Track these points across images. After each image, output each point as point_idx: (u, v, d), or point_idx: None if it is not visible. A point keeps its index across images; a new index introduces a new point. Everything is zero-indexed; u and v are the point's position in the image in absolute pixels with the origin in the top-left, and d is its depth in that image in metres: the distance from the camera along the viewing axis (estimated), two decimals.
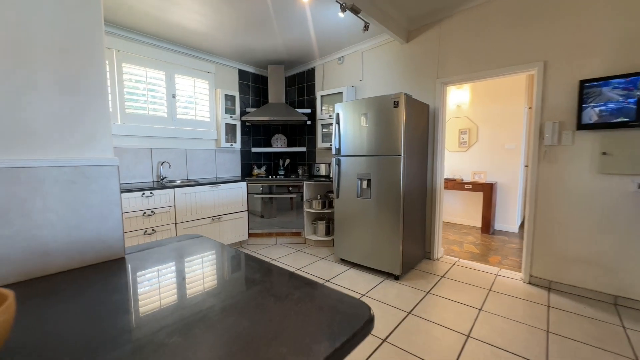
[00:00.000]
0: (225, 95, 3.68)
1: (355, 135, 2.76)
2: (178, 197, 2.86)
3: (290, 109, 3.87)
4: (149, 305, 0.73)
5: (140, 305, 0.73)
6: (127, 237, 2.53)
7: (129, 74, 2.95)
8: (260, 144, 4.32)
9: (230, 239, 3.35)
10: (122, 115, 2.92)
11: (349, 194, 2.85)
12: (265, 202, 3.56)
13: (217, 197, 3.19)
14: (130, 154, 3.02)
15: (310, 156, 4.22)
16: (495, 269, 2.82)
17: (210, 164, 3.72)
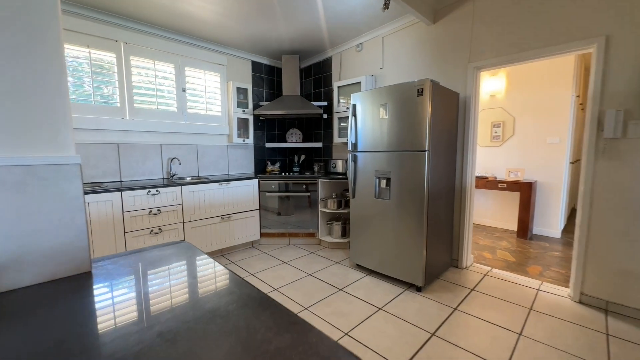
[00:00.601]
0: (237, 88, 3.51)
1: (374, 128, 2.48)
2: (185, 195, 2.74)
3: (306, 102, 3.64)
4: (110, 332, 0.53)
5: (101, 333, 0.54)
6: (132, 237, 2.44)
7: (138, 67, 2.85)
8: (275, 139, 4.14)
9: (241, 238, 3.21)
10: (131, 110, 2.84)
11: (366, 193, 2.58)
12: (278, 200, 3.37)
13: (226, 195, 3.05)
14: (139, 150, 2.94)
15: (326, 152, 3.97)
16: (536, 282, 2.44)
17: (222, 160, 3.59)
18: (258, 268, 2.77)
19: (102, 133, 2.71)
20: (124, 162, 2.85)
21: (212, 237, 2.96)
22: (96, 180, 2.70)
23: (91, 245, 2.25)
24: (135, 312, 0.69)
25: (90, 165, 2.66)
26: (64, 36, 2.47)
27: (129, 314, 0.68)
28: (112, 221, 2.34)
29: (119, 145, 2.81)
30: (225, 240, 3.07)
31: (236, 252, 3.20)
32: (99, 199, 2.26)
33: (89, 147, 2.65)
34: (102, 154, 2.72)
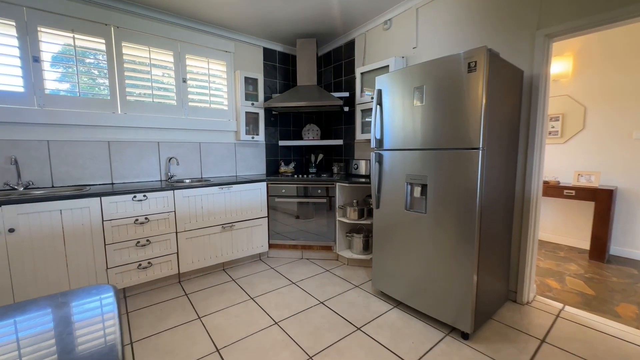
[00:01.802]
0: (245, 78, 3.09)
1: (405, 120, 1.91)
2: (179, 201, 2.35)
3: (323, 92, 3.13)
4: None
5: None
6: (114, 249, 2.09)
7: (130, 55, 2.52)
8: (290, 137, 3.68)
9: (246, 250, 2.77)
10: (123, 103, 2.51)
11: (394, 203, 2.01)
12: (289, 207, 2.90)
13: (229, 201, 2.63)
14: (133, 148, 2.61)
15: (347, 151, 3.43)
16: (636, 332, 1.73)
17: (228, 160, 3.20)
18: (260, 289, 2.31)
19: (91, 130, 2.40)
20: (116, 162, 2.53)
21: (210, 250, 2.56)
22: (83, 183, 2.40)
23: (66, 260, 1.92)
24: None
25: (77, 166, 2.37)
26: (42, 19, 2.12)
27: None
28: (90, 232, 1.99)
29: (110, 143, 2.50)
30: (226, 252, 2.65)
31: (240, 267, 2.77)
32: (73, 205, 1.92)
33: (75, 145, 2.35)
34: (91, 153, 2.42)
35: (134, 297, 2.20)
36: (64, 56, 2.25)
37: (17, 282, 1.78)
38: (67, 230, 1.92)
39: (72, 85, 2.28)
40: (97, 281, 2.04)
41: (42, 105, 2.18)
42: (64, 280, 1.93)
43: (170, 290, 2.32)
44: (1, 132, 2.08)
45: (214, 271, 2.66)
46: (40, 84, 2.17)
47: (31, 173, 2.20)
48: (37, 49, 2.14)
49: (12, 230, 1.75)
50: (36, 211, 1.81)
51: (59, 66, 2.24)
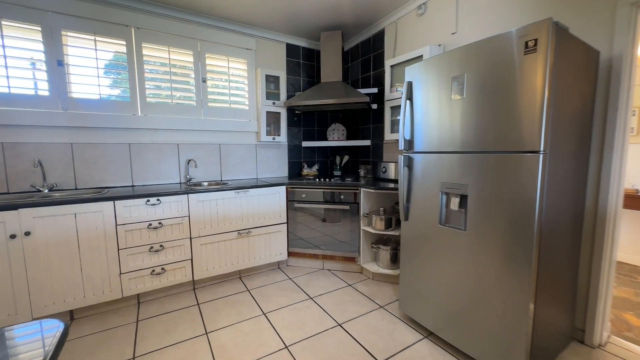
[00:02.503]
0: (266, 76, 2.94)
1: (441, 116, 1.60)
2: (193, 206, 2.26)
3: (349, 89, 2.88)
4: None
5: None
6: (127, 254, 2.04)
7: (150, 55, 2.48)
8: (314, 137, 3.47)
9: (264, 258, 2.62)
10: (143, 105, 2.48)
11: (426, 216, 1.71)
12: (310, 213, 2.69)
13: (246, 206, 2.49)
14: (153, 150, 2.58)
15: (375, 152, 3.14)
16: None
17: (249, 162, 3.07)
18: (275, 303, 2.13)
19: (112, 132, 2.40)
20: (137, 164, 2.52)
21: (226, 257, 2.44)
22: (104, 185, 2.41)
23: (80, 265, 1.89)
24: None
25: (99, 168, 2.38)
26: (66, 23, 2.14)
27: None
28: (104, 236, 1.96)
29: (131, 145, 2.48)
30: (243, 260, 2.52)
31: (257, 275, 2.62)
32: (87, 209, 1.89)
33: (97, 147, 2.36)
34: (112, 155, 2.42)
35: (147, 304, 2.14)
36: (86, 59, 2.26)
37: (34, 288, 1.78)
38: (82, 235, 1.89)
39: (93, 87, 2.29)
40: (110, 287, 2.00)
41: (65, 109, 2.21)
42: (79, 286, 1.91)
43: (183, 298, 2.23)
44: (28, 135, 2.13)
45: (230, 279, 2.54)
46: (64, 87, 2.19)
47: (56, 175, 2.24)
48: (61, 52, 2.17)
49: (28, 234, 1.75)
50: (51, 215, 1.80)
51: (82, 69, 2.26)
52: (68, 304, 1.88)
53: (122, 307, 2.11)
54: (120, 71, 2.38)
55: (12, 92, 2.05)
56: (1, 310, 1.72)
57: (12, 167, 2.10)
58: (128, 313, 2.04)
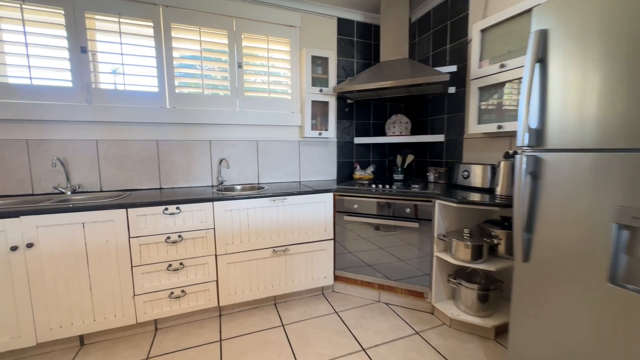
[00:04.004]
0: (312, 58, 2.41)
1: (614, 89, 0.86)
2: (220, 216, 1.84)
3: (418, 66, 2.19)
4: None
5: None
6: (142, 273, 1.69)
7: (180, 38, 2.14)
8: (369, 132, 2.85)
9: (305, 282, 2.10)
10: (172, 96, 2.16)
11: (572, 261, 0.98)
12: (364, 228, 2.09)
13: (283, 217, 2.00)
14: (182, 149, 2.24)
15: (452, 150, 2.39)
16: None
17: (291, 162, 2.59)
18: (314, 352, 1.59)
19: (138, 128, 2.11)
20: (165, 164, 2.21)
21: (258, 279, 1.98)
22: (130, 187, 2.14)
23: (89, 283, 1.60)
24: None
25: (125, 168, 2.11)
26: (90, 4, 1.85)
27: None
28: (115, 250, 1.64)
29: (158, 143, 2.18)
30: (279, 283, 2.04)
31: (295, 302, 2.12)
32: (96, 217, 1.58)
33: (123, 145, 2.09)
34: (139, 153, 2.14)
35: (165, 332, 1.79)
36: (110, 44, 1.99)
37: (38, 308, 1.52)
38: (91, 248, 1.59)
39: (118, 77, 2.02)
40: (123, 310, 1.68)
41: (89, 101, 1.97)
42: (88, 308, 1.61)
43: (206, 327, 1.82)
44: (52, 131, 1.93)
45: (263, 305, 2.08)
46: (88, 77, 1.95)
47: (80, 176, 2.02)
48: (84, 37, 1.92)
49: (31, 246, 1.49)
50: (56, 224, 1.52)
51: (106, 56, 2.00)
52: (77, 328, 1.60)
53: (137, 333, 1.78)
54: (147, 58, 2.07)
55: (34, 84, 1.86)
56: (3, 332, 1.49)
57: (36, 166, 1.93)
58: (142, 343, 1.69)
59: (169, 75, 2.13)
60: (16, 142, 1.88)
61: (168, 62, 2.12)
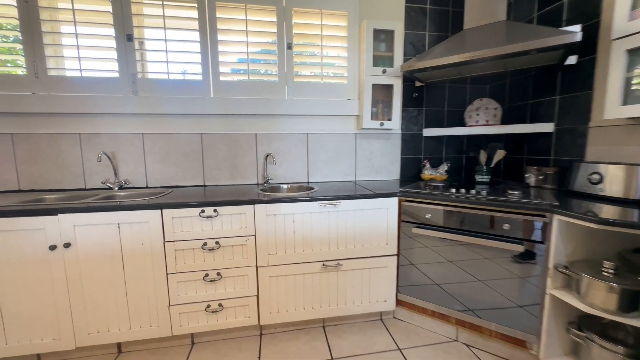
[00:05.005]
0: (374, 32, 1.98)
1: None
2: (261, 221, 1.56)
3: (526, 28, 1.61)
4: None
5: None
6: (177, 281, 1.51)
7: (224, 19, 1.91)
8: (442, 122, 2.31)
9: (359, 304, 1.73)
10: (216, 84, 1.95)
11: None
12: (440, 245, 1.62)
13: (336, 225, 1.65)
14: (226, 143, 2.04)
15: (565, 144, 1.75)
16: None
17: (345, 158, 2.22)
18: None
19: (182, 120, 1.96)
20: (209, 159, 2.03)
21: (305, 296, 1.67)
22: (174, 184, 2.01)
23: (125, 289, 1.47)
24: None
25: (170, 163, 1.99)
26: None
27: None
28: (150, 254, 1.48)
29: (202, 136, 2.01)
30: (329, 303, 1.70)
31: (348, 328, 1.76)
32: (131, 218, 1.43)
33: (168, 138, 1.97)
34: (183, 148, 1.99)
35: (202, 347, 1.59)
36: (154, 30, 1.85)
37: (76, 312, 1.44)
38: (126, 251, 1.45)
39: (161, 65, 1.88)
40: (158, 321, 1.52)
41: (135, 92, 1.87)
42: (124, 315, 1.49)
43: (244, 350, 1.58)
44: (101, 124, 1.88)
45: (310, 327, 1.76)
46: (134, 66, 1.85)
47: (127, 171, 1.95)
48: (130, 25, 1.81)
49: (68, 246, 1.39)
50: (92, 223, 1.41)
51: (150, 43, 1.87)
52: (113, 335, 1.49)
53: (173, 345, 1.62)
54: (191, 43, 1.89)
55: (84, 76, 1.81)
56: (47, 332, 1.44)
57: (88, 160, 1.90)
58: (177, 358, 1.52)
59: (213, 61, 1.92)
60: (71, 136, 1.86)
61: (212, 46, 1.91)
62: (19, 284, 1.39)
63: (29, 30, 1.71)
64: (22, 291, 1.39)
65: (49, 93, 1.78)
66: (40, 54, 1.74)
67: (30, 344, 1.43)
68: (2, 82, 1.73)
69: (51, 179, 1.87)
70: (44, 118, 1.82)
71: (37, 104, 1.77)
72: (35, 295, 1.40)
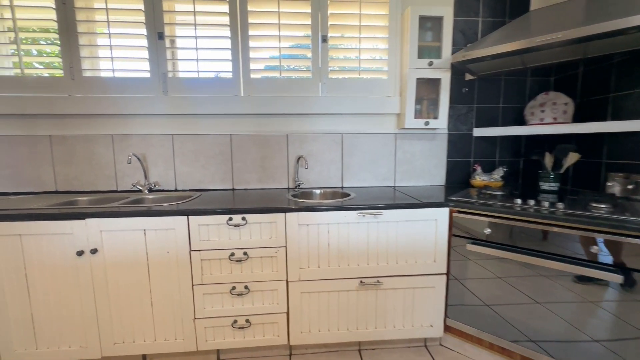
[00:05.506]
0: (420, 19, 1.76)
1: None
2: (293, 231, 1.41)
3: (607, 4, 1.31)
4: None
5: None
6: (203, 293, 1.41)
7: (256, 12, 1.79)
8: (496, 120, 2.03)
9: (401, 329, 1.52)
10: (246, 82, 1.84)
11: None
12: (502, 265, 1.37)
13: (375, 238, 1.45)
14: (256, 144, 1.92)
15: None
16: None
17: (384, 161, 2.01)
18: None
19: (211, 120, 1.88)
20: (238, 162, 1.93)
21: (340, 316, 1.49)
22: (202, 187, 1.93)
23: (150, 298, 1.39)
24: None
25: (198, 165, 1.91)
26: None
27: None
28: (175, 263, 1.38)
29: (232, 137, 1.90)
30: (366, 325, 1.51)
31: (387, 354, 1.55)
32: (156, 225, 1.35)
33: (197, 139, 1.89)
34: (212, 149, 1.91)
35: None
36: (183, 28, 1.78)
37: (102, 320, 1.38)
38: (152, 259, 1.37)
39: (192, 64, 1.80)
40: (183, 334, 1.43)
41: (165, 92, 1.81)
42: (149, 326, 1.41)
43: None
44: (132, 126, 1.84)
45: (344, 350, 1.58)
46: (164, 66, 1.79)
47: (156, 173, 1.90)
48: (161, 22, 1.75)
49: (95, 252, 1.34)
50: (118, 229, 1.34)
51: (180, 42, 1.80)
52: (138, 346, 1.42)
53: None
54: (220, 38, 1.79)
55: (117, 76, 1.78)
56: (75, 339, 1.40)
57: (119, 162, 1.87)
58: None
59: (244, 57, 1.81)
60: (104, 137, 1.85)
61: (243, 41, 1.80)
62: (49, 290, 1.36)
63: (66, 31, 1.71)
64: (52, 297, 1.36)
65: (84, 94, 1.78)
66: (76, 55, 1.74)
67: (59, 351, 1.39)
68: (41, 84, 1.75)
69: (85, 180, 1.87)
70: (79, 119, 1.82)
71: (72, 105, 1.77)
72: (63, 301, 1.37)
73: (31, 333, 1.38)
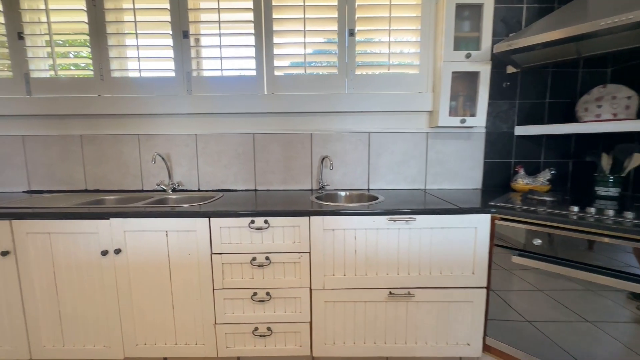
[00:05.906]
0: (457, 7, 1.61)
1: None
2: (317, 236, 1.32)
3: None
4: None
5: None
6: (224, 298, 1.36)
7: (280, 7, 1.73)
8: (542, 117, 1.83)
9: (433, 346, 1.39)
10: (270, 79, 1.78)
11: None
12: (556, 280, 1.20)
13: (406, 246, 1.33)
14: (279, 143, 1.86)
15: None
16: None
17: (414, 162, 1.88)
18: None
19: (234, 119, 1.84)
20: (260, 162, 1.87)
21: (366, 329, 1.39)
22: (225, 188, 1.90)
23: (172, 301, 1.36)
24: None
25: (221, 165, 1.88)
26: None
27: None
28: (197, 266, 1.34)
29: (255, 136, 1.86)
30: (395, 339, 1.39)
31: None
32: (178, 226, 1.31)
33: (220, 139, 1.86)
34: (235, 149, 1.87)
35: None
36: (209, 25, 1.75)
37: (125, 320, 1.37)
38: (173, 261, 1.34)
39: (216, 62, 1.77)
40: (204, 339, 1.39)
41: (189, 91, 1.79)
42: (170, 328, 1.38)
43: None
44: (157, 125, 1.84)
45: None
46: (189, 64, 1.77)
47: (180, 173, 1.89)
48: (186, 21, 1.74)
49: (119, 252, 1.33)
50: (141, 229, 1.32)
51: (204, 40, 1.78)
52: (159, 349, 1.39)
53: None
54: (244, 35, 1.75)
55: (143, 76, 1.78)
56: (99, 338, 1.40)
57: (145, 162, 1.88)
58: None
59: (267, 54, 1.76)
60: (131, 137, 1.86)
61: (267, 37, 1.74)
62: (75, 288, 1.36)
63: (96, 32, 1.74)
64: (78, 296, 1.37)
65: (112, 95, 1.80)
66: (105, 56, 1.76)
67: (84, 349, 1.40)
68: (74, 85, 1.79)
69: (113, 179, 1.89)
70: (108, 119, 1.84)
71: (102, 105, 1.79)
72: (88, 300, 1.37)
73: (59, 330, 1.39)
